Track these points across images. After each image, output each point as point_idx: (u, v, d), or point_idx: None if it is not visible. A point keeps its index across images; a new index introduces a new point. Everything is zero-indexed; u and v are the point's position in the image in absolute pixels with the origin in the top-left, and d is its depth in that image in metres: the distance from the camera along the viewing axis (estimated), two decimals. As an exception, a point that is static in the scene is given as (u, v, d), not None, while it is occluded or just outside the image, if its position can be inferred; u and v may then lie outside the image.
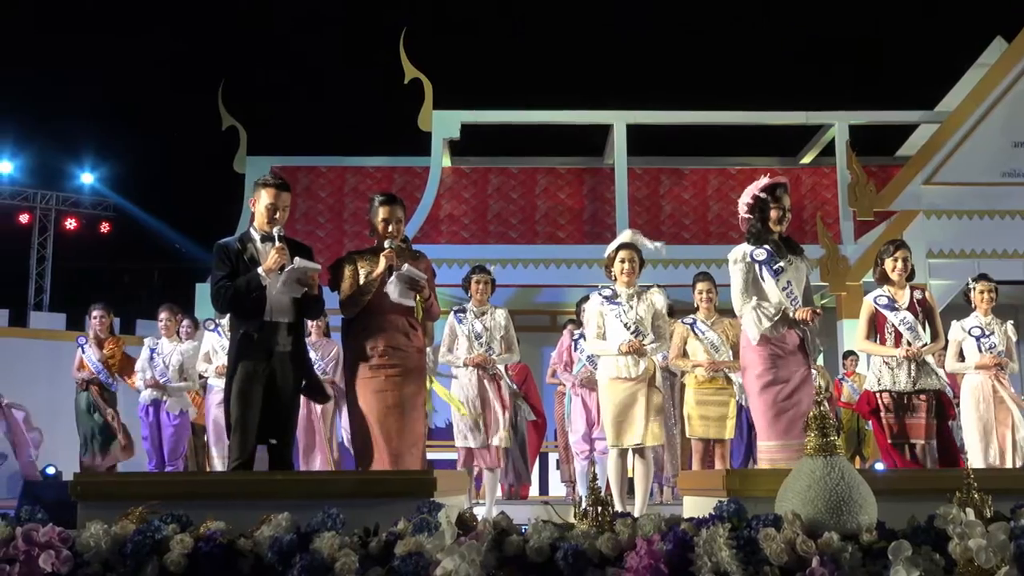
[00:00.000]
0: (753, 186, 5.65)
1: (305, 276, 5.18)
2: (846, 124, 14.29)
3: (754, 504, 3.62)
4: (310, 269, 5.20)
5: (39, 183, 17.98)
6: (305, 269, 5.17)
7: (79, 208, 18.23)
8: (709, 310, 7.91)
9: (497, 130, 15.21)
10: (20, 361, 14.15)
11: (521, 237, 14.43)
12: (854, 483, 3.41)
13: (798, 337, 5.53)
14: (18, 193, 17.72)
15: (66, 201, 18.14)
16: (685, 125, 14.84)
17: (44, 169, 18.23)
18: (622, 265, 6.69)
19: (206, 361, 8.97)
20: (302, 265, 5.16)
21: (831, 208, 14.45)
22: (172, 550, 3.43)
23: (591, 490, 3.56)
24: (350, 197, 14.83)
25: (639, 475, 6.69)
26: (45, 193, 17.96)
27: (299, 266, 5.15)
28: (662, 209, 14.71)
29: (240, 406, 5.15)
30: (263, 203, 5.34)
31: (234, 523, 3.62)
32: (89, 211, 18.27)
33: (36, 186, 17.91)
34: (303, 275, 5.17)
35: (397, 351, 5.45)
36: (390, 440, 5.32)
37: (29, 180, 17.91)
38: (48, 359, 13.99)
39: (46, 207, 17.95)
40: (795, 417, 5.30)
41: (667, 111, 14.60)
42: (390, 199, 5.65)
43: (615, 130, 14.27)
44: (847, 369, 11.74)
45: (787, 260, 5.59)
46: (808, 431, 3.60)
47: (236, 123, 14.66)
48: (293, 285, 5.17)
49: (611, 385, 6.60)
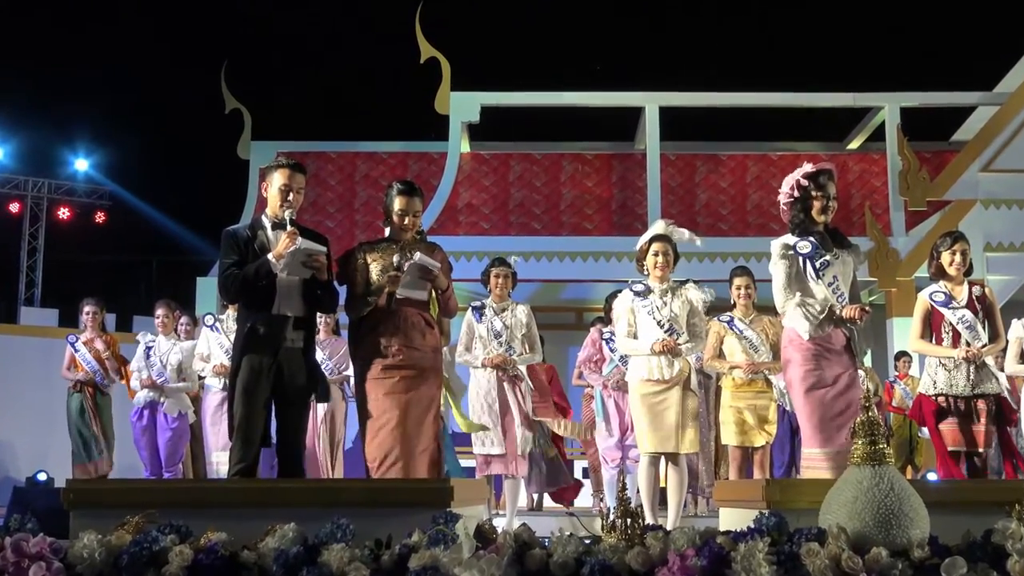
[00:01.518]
0: (795, 174, 5.62)
1: (310, 259, 5.21)
2: (897, 106, 14.21)
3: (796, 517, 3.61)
4: (314, 251, 5.23)
5: (30, 170, 18.08)
6: (309, 251, 5.21)
7: (73, 196, 18.33)
8: (747, 307, 7.87)
9: (519, 113, 15.20)
10: (9, 360, 14.25)
11: (545, 228, 14.42)
12: (905, 494, 3.39)
13: (844, 336, 5.50)
14: (8, 180, 17.83)
15: (59, 189, 18.25)
16: (722, 107, 14.79)
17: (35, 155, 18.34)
18: (655, 258, 6.67)
19: (203, 360, 9.01)
20: (306, 246, 5.20)
21: (880, 197, 14.37)
22: (171, 562, 3.44)
23: (620, 500, 3.56)
24: (362, 185, 14.86)
25: (672, 485, 6.67)
26: (37, 180, 18.05)
27: (303, 247, 5.19)
28: (697, 198, 14.66)
29: (244, 406, 5.17)
30: (276, 185, 5.37)
31: (237, 534, 3.64)
32: (83, 200, 18.37)
33: (27, 173, 18.00)
34: (307, 258, 5.20)
35: (412, 350, 5.46)
36: (403, 446, 5.32)
37: (19, 166, 18.00)
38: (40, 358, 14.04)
39: (38, 195, 18.05)
40: (841, 422, 5.27)
41: (703, 92, 14.56)
42: (410, 189, 5.65)
43: (647, 113, 14.23)
44: (899, 371, 11.69)
45: (833, 253, 5.56)
46: (855, 438, 3.58)
47: (240, 106, 14.70)
48: (297, 267, 5.20)
49: (642, 387, 6.59)
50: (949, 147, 15.11)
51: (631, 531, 3.47)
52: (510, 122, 15.41)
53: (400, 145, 15.20)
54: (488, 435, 7.55)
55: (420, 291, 5.53)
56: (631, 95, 14.52)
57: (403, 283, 5.43)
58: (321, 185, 14.83)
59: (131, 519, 3.75)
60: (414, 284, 5.46)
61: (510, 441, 7.55)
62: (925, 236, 13.40)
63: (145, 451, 9.28)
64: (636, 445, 7.82)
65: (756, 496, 4.16)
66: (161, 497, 4.20)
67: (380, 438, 5.36)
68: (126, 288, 19.11)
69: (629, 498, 3.61)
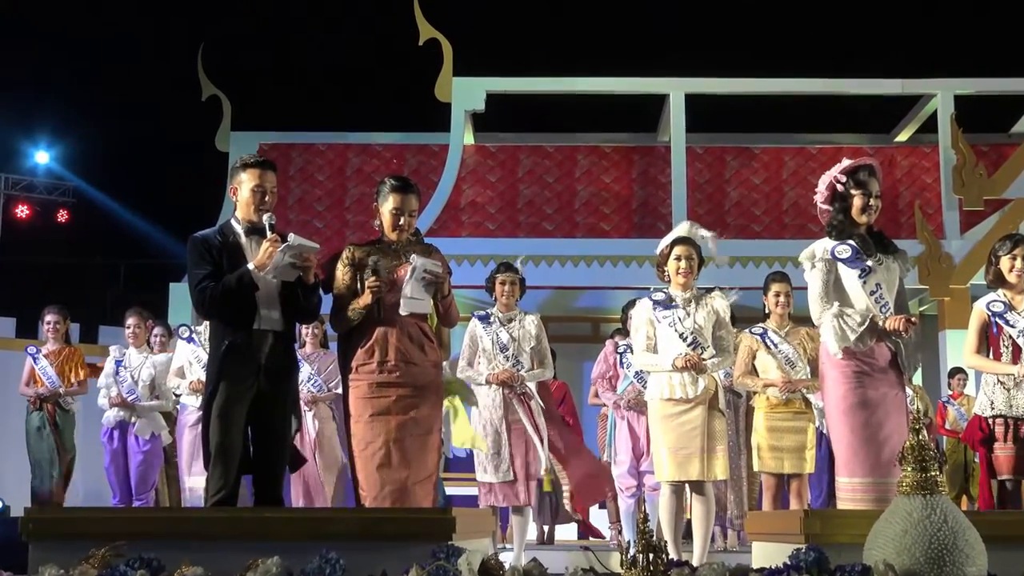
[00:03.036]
0: (832, 170, 5.62)
1: (299, 258, 5.22)
2: (951, 94, 14.19)
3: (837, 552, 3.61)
4: (307, 249, 5.25)
5: (-16, 163, 18.17)
6: (301, 248, 5.22)
7: (32, 193, 18.40)
8: (783, 317, 7.86)
9: (529, 101, 15.22)
10: (-39, 373, 14.28)
11: (557, 229, 14.43)
12: (960, 528, 3.39)
13: (889, 351, 5.49)
14: (-40, 175, 17.92)
15: (17, 185, 18.32)
16: (756, 95, 14.79)
17: (-9, 147, 18.41)
18: (678, 263, 6.67)
19: (178, 376, 9.02)
20: (298, 243, 5.21)
21: (932, 196, 14.36)
22: (140, 600, 3.46)
23: (641, 533, 3.56)
24: (353, 181, 14.89)
25: (698, 516, 6.66)
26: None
27: (295, 244, 5.20)
28: (727, 196, 14.67)
29: (221, 430, 5.19)
30: (247, 187, 5.38)
31: (214, 568, 3.65)
32: (44, 196, 18.44)
33: (-19, 167, 18.10)
34: (298, 256, 5.21)
35: (409, 365, 5.46)
36: (399, 472, 5.33)
37: (-28, 160, 18.10)
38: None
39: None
40: (886, 448, 5.26)
41: (734, 78, 14.56)
42: (405, 185, 5.66)
43: (671, 101, 14.24)
44: (953, 390, 11.67)
45: (876, 259, 5.56)
46: (903, 464, 3.58)
47: (218, 92, 14.74)
48: (286, 268, 5.22)
49: (663, 408, 6.58)
50: (1009, 140, 15.09)
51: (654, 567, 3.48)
52: (519, 111, 15.42)
53: (396, 136, 15.22)
54: (493, 460, 7.54)
55: (423, 302, 5.53)
56: (654, 81, 14.52)
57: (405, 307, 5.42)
58: (308, 180, 14.86)
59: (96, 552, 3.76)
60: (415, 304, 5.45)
61: (518, 467, 7.53)
62: (982, 239, 13.37)
63: (114, 476, 9.30)
64: (652, 471, 7.84)
65: (793, 529, 4.16)
66: (130, 527, 4.22)
67: (372, 464, 5.36)
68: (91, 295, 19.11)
69: (651, 530, 3.61)
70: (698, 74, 14.45)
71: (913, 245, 13.11)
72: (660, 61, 14.84)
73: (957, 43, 17.34)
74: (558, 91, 14.81)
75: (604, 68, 14.63)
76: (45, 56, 19.35)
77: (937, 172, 14.33)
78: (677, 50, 17.28)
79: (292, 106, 18.04)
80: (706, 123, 14.69)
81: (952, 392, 11.68)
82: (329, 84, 18.96)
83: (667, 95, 14.35)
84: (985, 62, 14.88)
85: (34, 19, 19.17)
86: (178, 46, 16.37)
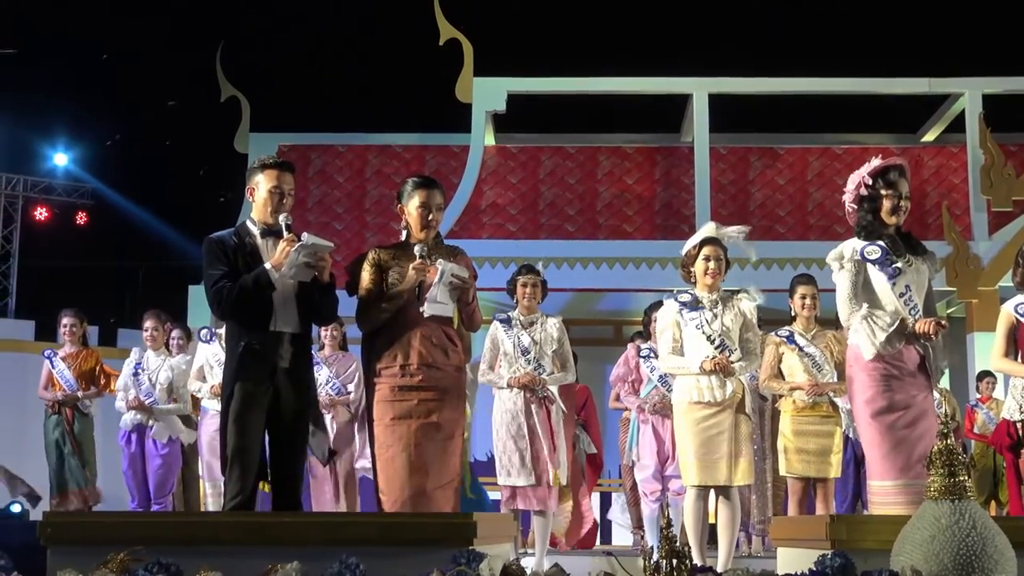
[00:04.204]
0: (861, 170, 5.60)
1: (314, 257, 5.23)
2: (979, 93, 14.14)
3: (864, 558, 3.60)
4: (321, 248, 5.25)
5: (3, 165, 18.22)
6: (316, 247, 5.22)
7: (51, 195, 18.48)
8: (810, 320, 7.82)
9: (551, 101, 15.22)
10: (-21, 377, 14.39)
11: (579, 230, 14.43)
12: (989, 534, 3.37)
13: (918, 355, 5.47)
14: (-22, 177, 18.02)
15: (36, 187, 18.41)
16: (780, 95, 14.77)
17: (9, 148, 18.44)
18: (706, 264, 6.65)
19: (199, 379, 9.05)
20: (312, 242, 5.22)
21: (959, 196, 14.30)
22: (159, 605, 3.47)
23: (666, 539, 3.55)
24: (373, 182, 14.92)
25: (723, 521, 6.65)
26: (11, 177, 18.21)
27: (309, 242, 5.21)
28: (752, 197, 14.64)
29: (238, 434, 5.20)
30: (264, 188, 5.40)
31: (233, 573, 3.66)
32: (63, 199, 18.52)
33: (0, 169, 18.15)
34: (312, 255, 5.22)
35: (432, 369, 5.48)
36: (420, 476, 5.33)
37: (-8, 162, 18.18)
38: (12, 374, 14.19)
39: (12, 193, 18.21)
40: (915, 452, 5.23)
41: (757, 78, 14.53)
42: (428, 181, 5.70)
43: (695, 101, 14.22)
44: (981, 393, 11.61)
45: (906, 260, 5.53)
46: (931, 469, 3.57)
47: (238, 93, 14.80)
48: (301, 268, 5.22)
49: (690, 411, 6.56)
50: (1039, 139, 15.03)
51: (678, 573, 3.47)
52: (540, 111, 15.42)
53: (416, 137, 15.25)
54: (515, 464, 7.53)
55: (447, 307, 5.54)
56: (677, 81, 14.50)
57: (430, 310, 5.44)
58: (328, 182, 14.90)
59: (115, 556, 3.77)
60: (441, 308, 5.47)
61: (540, 471, 7.53)
62: (1011, 240, 13.31)
63: (132, 480, 9.33)
64: (677, 476, 7.82)
65: (819, 534, 4.16)
66: (149, 531, 4.24)
67: (395, 468, 5.37)
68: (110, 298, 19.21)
69: (675, 536, 3.60)
70: (722, 74, 14.42)
71: (940, 247, 13.05)
72: (683, 61, 14.81)
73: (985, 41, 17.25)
74: (580, 91, 14.80)
75: (626, 68, 14.61)
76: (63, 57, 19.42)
77: (965, 172, 14.27)
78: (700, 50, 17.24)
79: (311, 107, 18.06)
80: (730, 123, 14.66)
81: (980, 396, 11.62)
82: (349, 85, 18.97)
83: (690, 95, 14.32)
84: (1014, 61, 14.78)
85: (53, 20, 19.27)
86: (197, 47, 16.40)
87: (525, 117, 14.96)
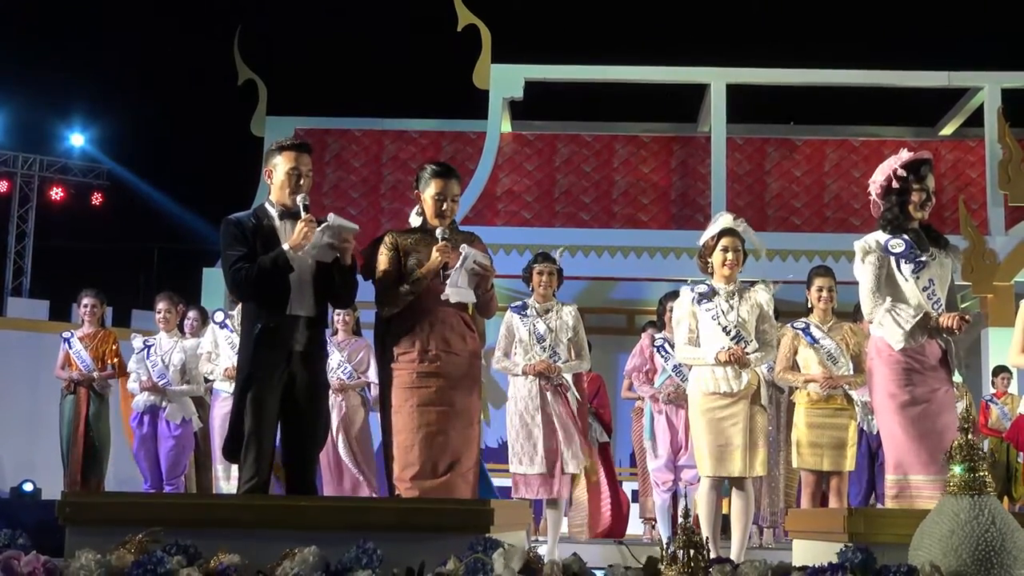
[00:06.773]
0: (891, 162, 5.57)
1: (338, 238, 5.22)
2: (998, 87, 14.07)
3: (882, 552, 3.60)
4: (346, 229, 5.25)
5: (20, 145, 18.24)
6: (341, 228, 5.22)
7: (67, 175, 18.50)
8: (826, 312, 7.79)
9: (568, 89, 15.18)
10: (-6, 356, 14.44)
11: (595, 219, 14.40)
12: (1008, 529, 3.37)
13: (940, 349, 5.45)
14: (-5, 157, 18.04)
15: (52, 167, 18.42)
16: (797, 86, 14.71)
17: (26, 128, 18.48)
18: (724, 255, 6.62)
19: (208, 361, 9.06)
20: (337, 223, 5.22)
21: (976, 191, 14.25)
22: (178, 587, 3.47)
23: (683, 530, 3.55)
24: (389, 168, 14.90)
25: (737, 512, 6.64)
26: (27, 157, 18.23)
27: (334, 224, 5.20)
28: (768, 188, 14.59)
29: (254, 417, 5.20)
30: (283, 170, 5.40)
31: (251, 557, 3.67)
32: (79, 179, 18.54)
33: (16, 148, 18.17)
34: (337, 236, 5.21)
35: (450, 355, 5.48)
36: (439, 464, 5.34)
37: (8, 141, 18.15)
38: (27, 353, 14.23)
39: (28, 173, 18.23)
40: (937, 446, 5.22)
41: (776, 68, 14.48)
42: (446, 171, 5.69)
43: (712, 91, 14.18)
44: (997, 389, 11.59)
45: (930, 254, 5.52)
46: (951, 464, 3.56)
47: (255, 77, 14.78)
48: (324, 248, 5.22)
49: (705, 402, 6.56)
50: (1057, 134, 14.96)
51: (695, 564, 3.46)
52: (557, 99, 15.39)
53: (433, 123, 15.22)
54: (527, 452, 7.53)
55: (468, 292, 5.53)
56: (694, 70, 14.46)
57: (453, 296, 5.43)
58: (344, 167, 14.89)
59: (134, 537, 3.78)
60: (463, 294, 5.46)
61: (552, 460, 7.52)
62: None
63: (144, 461, 9.35)
64: (690, 465, 7.82)
65: (836, 527, 4.15)
66: (168, 513, 4.24)
67: (412, 455, 5.37)
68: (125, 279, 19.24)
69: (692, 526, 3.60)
70: (739, 64, 14.37)
71: (957, 241, 12.93)
72: (701, 50, 14.76)
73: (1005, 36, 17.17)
74: (597, 79, 14.76)
75: (644, 57, 14.57)
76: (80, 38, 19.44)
77: (982, 167, 14.22)
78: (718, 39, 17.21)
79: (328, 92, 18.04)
80: (747, 114, 14.63)
81: (995, 391, 11.60)
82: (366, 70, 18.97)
83: (708, 85, 14.29)
84: (1034, 55, 14.74)
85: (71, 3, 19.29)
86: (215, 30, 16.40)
87: (542, 104, 14.94)
